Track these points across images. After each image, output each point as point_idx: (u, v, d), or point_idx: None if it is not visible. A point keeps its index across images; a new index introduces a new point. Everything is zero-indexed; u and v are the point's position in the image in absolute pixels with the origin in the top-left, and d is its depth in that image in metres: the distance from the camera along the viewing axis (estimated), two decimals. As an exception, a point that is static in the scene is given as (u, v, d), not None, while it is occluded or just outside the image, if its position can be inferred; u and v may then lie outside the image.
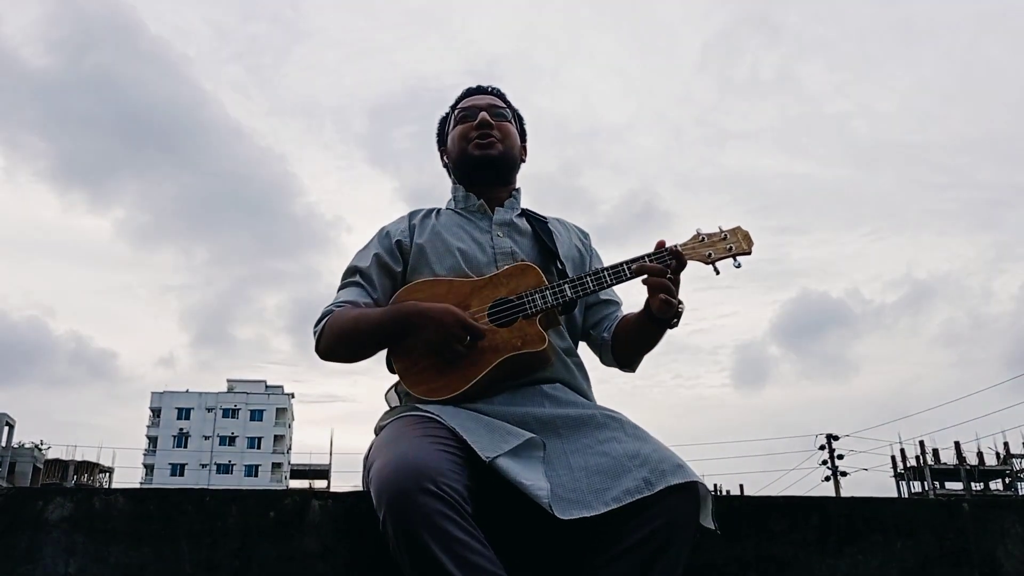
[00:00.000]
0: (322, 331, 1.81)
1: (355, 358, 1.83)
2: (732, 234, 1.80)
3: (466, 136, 1.99)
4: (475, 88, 2.09)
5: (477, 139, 1.97)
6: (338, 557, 1.60)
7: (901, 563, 1.80)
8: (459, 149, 2.00)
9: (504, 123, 2.02)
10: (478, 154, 1.97)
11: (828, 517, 1.81)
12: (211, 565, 1.56)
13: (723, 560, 1.73)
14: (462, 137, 2.00)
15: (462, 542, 1.34)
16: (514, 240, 1.92)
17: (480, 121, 1.97)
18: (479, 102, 2.03)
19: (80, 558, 1.54)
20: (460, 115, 2.03)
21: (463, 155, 1.99)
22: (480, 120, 1.97)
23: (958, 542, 1.84)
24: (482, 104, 2.02)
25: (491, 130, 1.98)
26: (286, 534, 1.60)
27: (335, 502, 1.64)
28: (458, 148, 2.00)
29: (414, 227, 1.96)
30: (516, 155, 2.04)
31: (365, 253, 1.95)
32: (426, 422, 1.58)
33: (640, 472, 1.48)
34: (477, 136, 1.97)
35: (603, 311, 2.01)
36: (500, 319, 1.74)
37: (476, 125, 1.97)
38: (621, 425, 1.64)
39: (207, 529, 1.58)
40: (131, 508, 1.58)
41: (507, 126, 2.02)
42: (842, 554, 1.78)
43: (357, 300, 1.86)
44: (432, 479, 1.36)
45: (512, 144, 2.02)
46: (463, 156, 1.99)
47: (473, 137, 1.97)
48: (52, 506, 1.56)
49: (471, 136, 1.98)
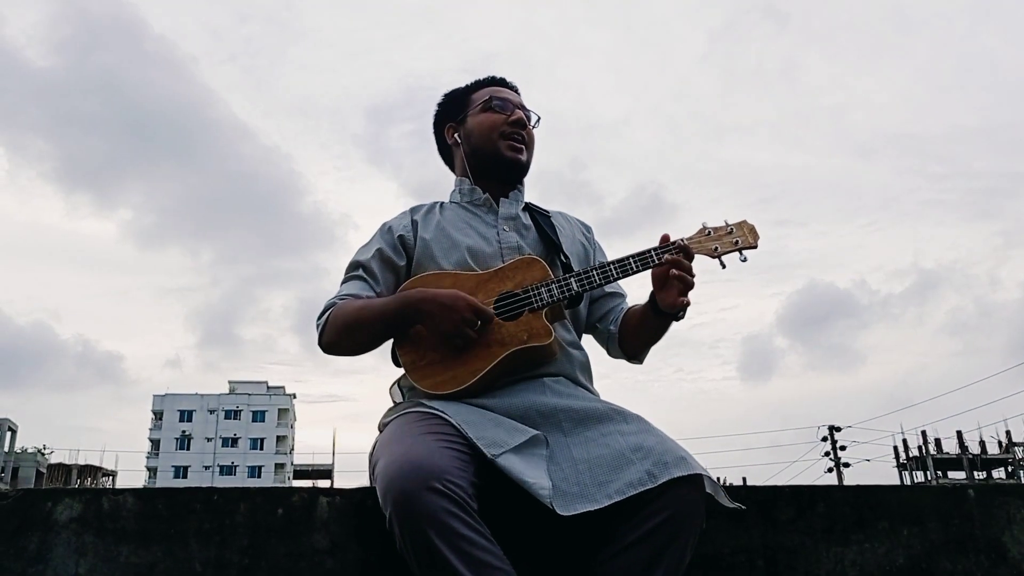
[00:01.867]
0: (325, 323, 1.80)
1: (359, 350, 1.81)
2: (738, 228, 1.80)
3: (498, 129, 1.94)
4: (502, 79, 2.04)
5: (513, 139, 1.94)
6: (347, 553, 1.60)
7: (907, 550, 1.80)
8: (488, 141, 1.95)
9: (531, 130, 1.99)
10: (510, 156, 1.94)
11: (834, 505, 1.82)
12: (220, 563, 1.57)
13: (730, 549, 1.74)
14: (494, 128, 1.94)
15: (469, 539, 1.35)
16: (520, 235, 1.92)
17: (518, 119, 1.94)
18: (513, 99, 1.99)
19: (90, 558, 1.54)
20: (494, 103, 1.96)
21: (493, 150, 1.94)
22: (518, 118, 1.94)
23: (964, 528, 1.85)
24: (517, 102, 1.98)
25: (524, 131, 1.96)
26: (295, 531, 1.60)
27: (343, 499, 1.64)
28: (486, 139, 1.95)
29: (416, 222, 1.95)
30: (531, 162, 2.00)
31: (367, 248, 1.93)
32: (430, 419, 1.58)
33: (643, 464, 1.49)
34: (513, 134, 1.94)
35: (609, 304, 2.01)
36: (506, 312, 1.75)
37: (514, 122, 1.94)
38: (624, 418, 1.64)
39: (216, 527, 1.59)
40: (140, 507, 1.59)
41: (533, 134, 2.00)
42: (849, 542, 1.79)
43: (360, 293, 1.85)
44: (438, 477, 1.37)
45: (533, 153, 1.99)
46: (492, 151, 1.94)
47: (509, 134, 1.93)
48: (61, 507, 1.57)
49: (506, 132, 1.93)
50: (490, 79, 2.04)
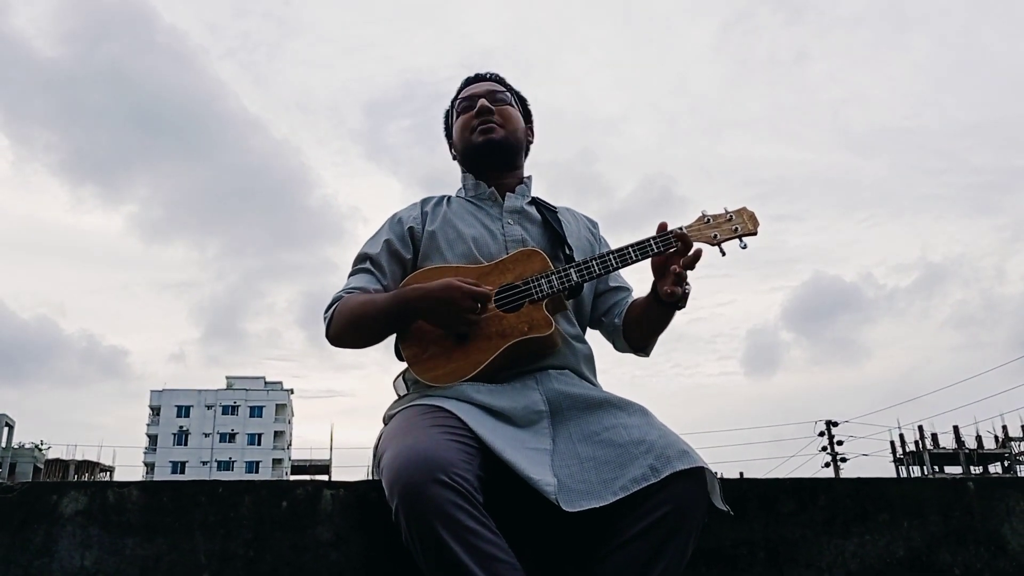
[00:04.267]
0: (332, 317, 1.82)
1: (364, 344, 1.83)
2: (738, 215, 1.81)
3: (468, 125, 1.99)
4: (473, 77, 2.09)
5: (479, 127, 1.97)
6: (351, 546, 1.61)
7: (908, 542, 1.82)
8: (463, 139, 2.01)
9: (505, 107, 2.01)
10: (481, 140, 1.97)
11: (835, 498, 1.83)
12: (225, 555, 1.57)
13: (732, 542, 1.75)
14: (464, 127, 2.00)
15: (475, 532, 1.35)
16: (524, 228, 1.93)
17: (480, 108, 1.97)
18: (477, 90, 2.03)
19: (96, 551, 1.55)
20: (461, 106, 2.03)
21: (467, 144, 2.00)
22: (480, 107, 1.98)
23: (964, 521, 1.86)
24: (480, 91, 2.02)
25: (491, 116, 1.98)
26: (299, 524, 1.61)
27: (347, 492, 1.65)
28: (462, 138, 2.01)
29: (426, 214, 1.97)
30: (521, 137, 2.03)
31: (376, 240, 1.95)
32: (436, 411, 1.59)
33: (646, 459, 1.49)
34: (479, 124, 1.98)
35: (613, 298, 2.01)
36: (507, 304, 1.75)
37: (476, 113, 1.98)
38: (627, 410, 1.65)
39: (221, 520, 1.59)
40: (145, 500, 1.59)
41: (508, 110, 2.02)
42: (850, 534, 1.80)
43: (366, 286, 1.86)
44: (444, 469, 1.37)
45: (515, 127, 2.01)
46: (467, 145, 2.00)
47: (475, 125, 1.98)
48: (67, 500, 1.57)
49: (473, 124, 1.98)
50: (464, 82, 2.10)
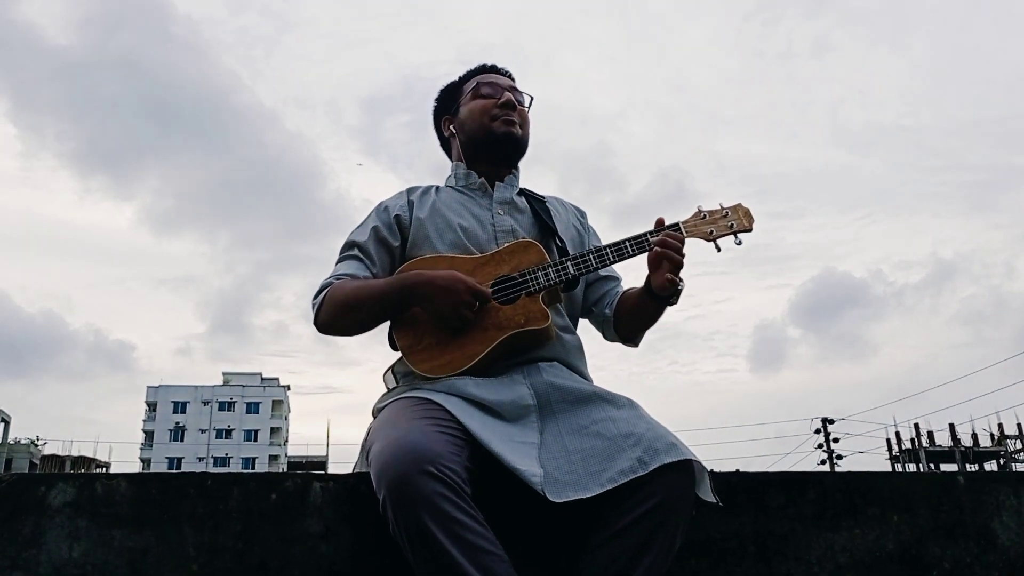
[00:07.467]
0: (321, 303, 1.80)
1: (355, 330, 1.81)
2: (733, 211, 1.81)
3: (488, 112, 1.96)
4: (492, 66, 2.07)
5: (503, 117, 1.96)
6: (340, 538, 1.60)
7: (897, 536, 1.82)
8: (480, 124, 1.97)
9: (523, 109, 2.02)
10: (503, 131, 1.95)
11: (825, 492, 1.83)
12: (214, 548, 1.57)
13: (721, 535, 1.75)
14: (484, 111, 1.97)
15: (462, 523, 1.35)
16: (514, 218, 1.93)
17: (507, 101, 1.96)
18: (501, 82, 2.02)
19: (84, 542, 1.54)
20: (483, 89, 2.00)
21: (485, 129, 1.97)
22: (507, 100, 1.96)
23: (954, 515, 1.86)
24: (505, 85, 2.01)
25: (515, 112, 1.97)
26: (288, 516, 1.60)
27: (336, 484, 1.65)
28: (478, 123, 1.97)
29: (412, 202, 1.96)
30: (528, 143, 2.03)
31: (363, 227, 1.94)
32: (424, 404, 1.59)
33: (634, 452, 1.49)
34: (503, 115, 1.96)
35: (604, 287, 2.02)
36: (503, 296, 1.75)
37: (502, 104, 1.96)
38: (615, 403, 1.65)
39: (209, 512, 1.59)
40: (133, 492, 1.59)
41: (526, 113, 2.02)
42: (839, 528, 1.80)
43: (356, 273, 1.85)
44: (432, 461, 1.37)
45: (528, 131, 2.02)
46: (485, 131, 1.97)
47: (499, 115, 1.96)
48: (55, 491, 1.57)
49: (495, 113, 1.96)
50: (480, 67, 2.07)
